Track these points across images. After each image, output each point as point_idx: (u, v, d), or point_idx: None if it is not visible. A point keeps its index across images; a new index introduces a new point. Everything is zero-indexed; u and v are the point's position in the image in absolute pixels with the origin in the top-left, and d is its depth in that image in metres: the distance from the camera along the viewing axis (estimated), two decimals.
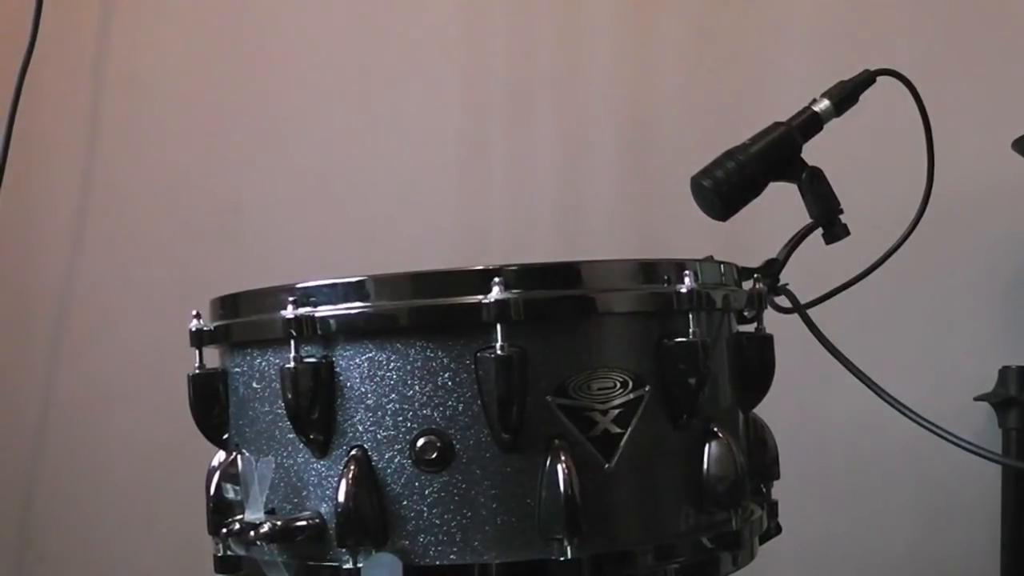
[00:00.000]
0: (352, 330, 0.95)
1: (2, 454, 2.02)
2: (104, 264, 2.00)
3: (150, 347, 1.89)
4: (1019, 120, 1.47)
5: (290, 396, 0.95)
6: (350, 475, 0.93)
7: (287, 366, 0.95)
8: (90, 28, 2.00)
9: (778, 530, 1.13)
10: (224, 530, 0.99)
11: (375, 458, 0.94)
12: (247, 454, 1.02)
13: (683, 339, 0.96)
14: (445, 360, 0.93)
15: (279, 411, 0.97)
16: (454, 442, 0.93)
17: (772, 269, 1.15)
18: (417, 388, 0.93)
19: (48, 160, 2.02)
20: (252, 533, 0.95)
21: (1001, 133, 1.46)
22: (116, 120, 2.00)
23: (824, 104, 1.15)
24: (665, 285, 0.98)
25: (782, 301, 1.16)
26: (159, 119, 1.99)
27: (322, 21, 1.95)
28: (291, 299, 0.96)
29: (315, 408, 0.95)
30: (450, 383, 0.93)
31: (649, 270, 1.00)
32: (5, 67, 1.93)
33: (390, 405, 0.94)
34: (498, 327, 0.90)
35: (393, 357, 0.94)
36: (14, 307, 2.03)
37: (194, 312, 1.07)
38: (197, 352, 1.07)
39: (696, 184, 1.13)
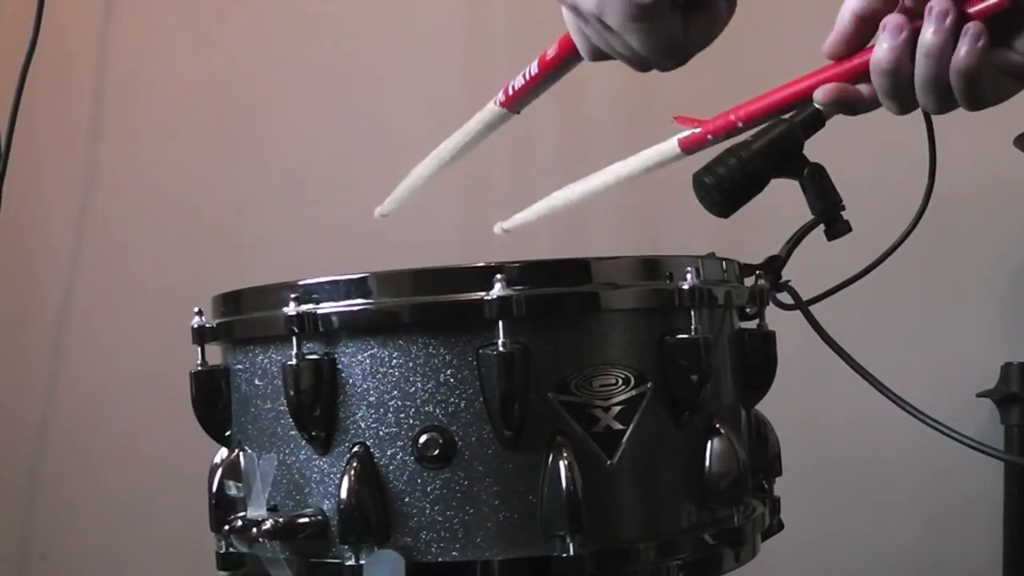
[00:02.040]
0: (354, 327, 0.95)
1: (4, 451, 2.02)
2: (105, 262, 2.00)
3: (152, 345, 1.89)
4: (1022, 117, 1.46)
5: (292, 393, 0.95)
6: (352, 472, 0.93)
7: (289, 363, 0.95)
8: (91, 27, 2.01)
9: (780, 527, 1.13)
10: (226, 527, 0.99)
11: (377, 455, 0.94)
12: (249, 451, 1.02)
13: (685, 336, 0.96)
14: (447, 357, 0.93)
15: (281, 408, 0.98)
16: (456, 439, 0.93)
17: (774, 266, 1.14)
18: (419, 385, 0.93)
19: (49, 158, 2.02)
20: (254, 530, 0.95)
21: (1004, 130, 1.46)
22: (117, 119, 2.00)
23: None
24: (667, 282, 0.98)
25: (784, 298, 1.16)
26: (161, 118, 1.99)
27: (323, 20, 1.95)
28: (293, 296, 0.96)
29: (317, 405, 0.95)
30: (452, 380, 0.93)
31: (651, 267, 1.00)
32: (7, 66, 1.94)
33: (392, 402, 0.94)
34: (500, 324, 0.90)
35: (395, 354, 0.94)
36: (16, 305, 2.03)
37: (196, 309, 1.07)
38: (199, 349, 1.07)
39: (698, 181, 1.13)
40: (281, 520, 0.95)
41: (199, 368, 1.07)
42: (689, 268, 0.97)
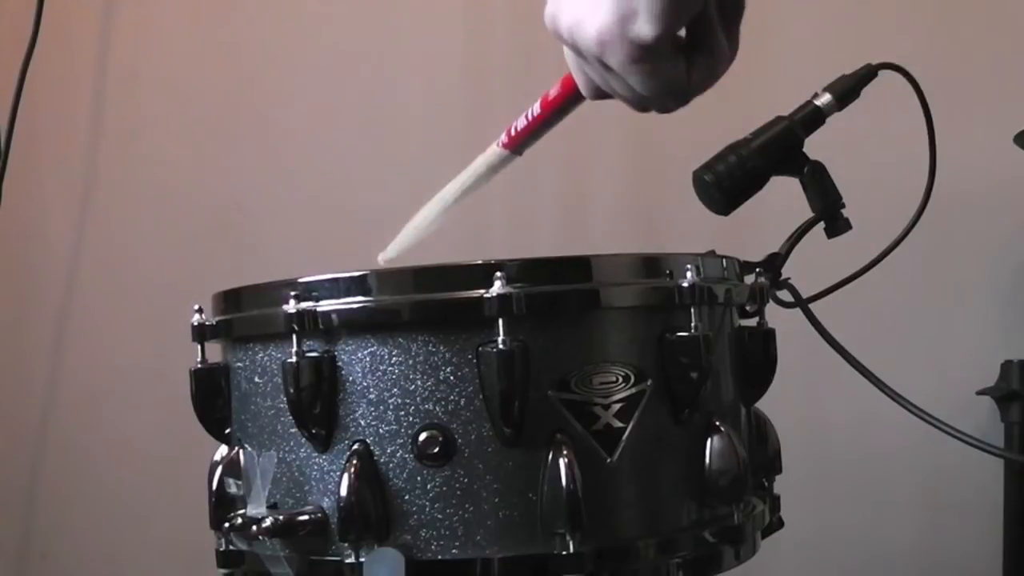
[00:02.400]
0: (354, 325, 0.95)
1: (4, 450, 2.02)
2: (105, 260, 2.00)
3: (152, 344, 1.89)
4: (1022, 114, 1.47)
5: (292, 391, 0.95)
6: (352, 470, 0.93)
7: (289, 361, 0.95)
8: (92, 25, 2.01)
9: (780, 524, 1.13)
10: (226, 524, 0.99)
11: (377, 452, 0.94)
12: (249, 449, 1.02)
13: (685, 333, 0.96)
14: (447, 355, 0.93)
15: (281, 406, 0.98)
16: (456, 436, 0.93)
17: (774, 263, 1.15)
18: (419, 383, 0.93)
19: (49, 157, 2.02)
20: (254, 528, 0.95)
21: (1003, 127, 1.46)
22: (118, 117, 2.00)
23: (826, 98, 1.15)
24: (667, 279, 0.98)
25: (784, 295, 1.16)
26: (161, 116, 1.99)
27: (323, 18, 1.95)
28: (293, 294, 0.96)
29: (317, 403, 0.95)
30: (452, 377, 0.93)
31: (651, 264, 1.00)
32: (7, 63, 1.94)
33: (392, 400, 0.94)
34: (500, 321, 0.90)
35: (395, 352, 0.94)
36: (16, 303, 2.03)
37: (196, 307, 1.07)
38: (199, 347, 1.07)
39: (698, 178, 1.13)
40: (281, 518, 0.95)
41: (199, 366, 1.07)
42: (689, 266, 0.97)
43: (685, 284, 0.97)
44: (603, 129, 1.84)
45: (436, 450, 0.93)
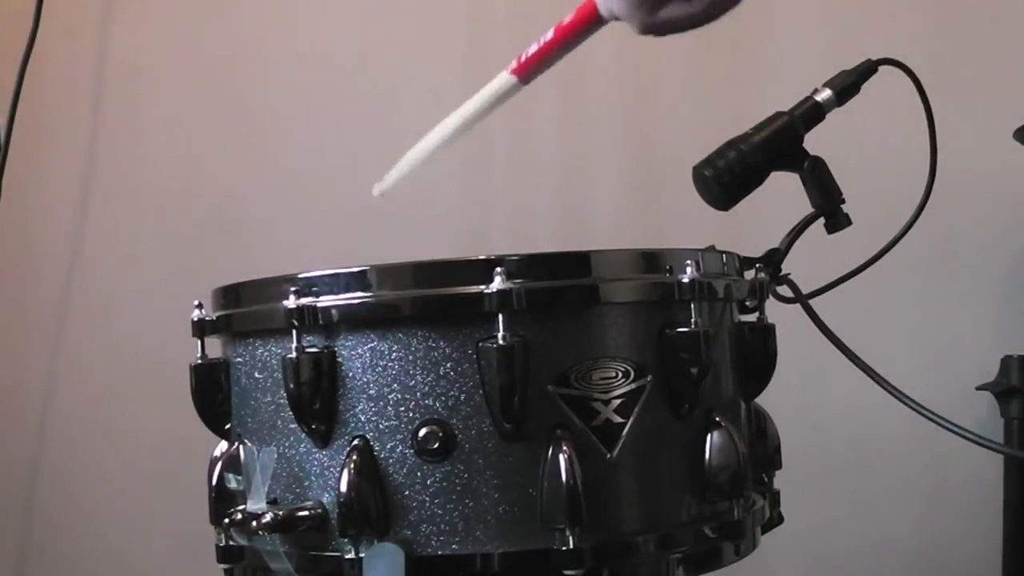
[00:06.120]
0: (354, 320, 0.95)
1: (4, 444, 2.02)
2: (105, 254, 2.00)
3: (152, 338, 1.89)
4: (1021, 109, 1.46)
5: (292, 386, 0.95)
6: (352, 465, 0.93)
7: (289, 356, 0.95)
8: (91, 19, 2.00)
9: (780, 520, 1.13)
10: (226, 520, 0.99)
11: (377, 448, 0.94)
12: (249, 444, 1.02)
13: (685, 329, 0.96)
14: (447, 350, 0.93)
15: (281, 401, 0.98)
16: (456, 432, 0.93)
17: (774, 259, 1.14)
18: (419, 378, 0.93)
19: (49, 150, 2.02)
20: (254, 523, 0.95)
21: (1003, 122, 1.46)
22: (117, 111, 2.00)
23: (826, 94, 1.15)
24: (667, 275, 0.98)
25: (784, 291, 1.16)
26: (160, 110, 1.99)
27: (323, 12, 1.95)
28: (293, 289, 0.96)
29: (317, 398, 0.95)
30: (452, 373, 0.93)
31: (651, 260, 1.00)
32: (7, 59, 1.93)
33: (392, 395, 0.94)
34: (500, 317, 0.90)
35: (395, 347, 0.94)
36: (15, 297, 2.03)
37: (196, 302, 1.07)
38: (199, 342, 1.07)
39: (698, 173, 1.13)
40: (281, 513, 0.95)
41: (199, 361, 1.07)
42: (689, 261, 0.97)
43: (685, 279, 0.97)
44: (604, 123, 1.84)
45: (436, 445, 0.93)
